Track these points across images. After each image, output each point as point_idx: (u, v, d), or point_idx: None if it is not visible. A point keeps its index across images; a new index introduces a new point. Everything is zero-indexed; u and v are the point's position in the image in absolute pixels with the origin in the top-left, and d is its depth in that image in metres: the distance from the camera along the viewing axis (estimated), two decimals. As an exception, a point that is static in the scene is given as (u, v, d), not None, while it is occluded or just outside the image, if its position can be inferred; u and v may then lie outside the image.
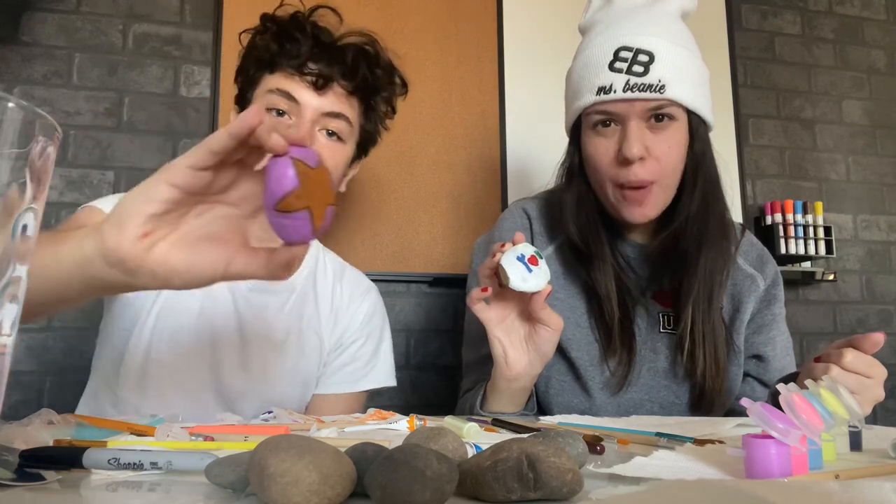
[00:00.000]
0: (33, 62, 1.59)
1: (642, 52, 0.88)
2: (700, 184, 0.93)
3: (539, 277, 0.76)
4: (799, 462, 0.36)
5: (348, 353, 1.03)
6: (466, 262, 1.75)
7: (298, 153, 0.43)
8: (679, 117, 0.90)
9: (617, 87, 0.88)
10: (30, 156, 0.26)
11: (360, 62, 0.93)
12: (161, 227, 0.44)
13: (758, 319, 1.00)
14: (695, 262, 0.92)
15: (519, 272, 0.76)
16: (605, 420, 0.72)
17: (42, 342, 1.53)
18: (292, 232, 0.42)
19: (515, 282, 0.75)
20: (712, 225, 0.93)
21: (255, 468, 0.28)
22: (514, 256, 0.76)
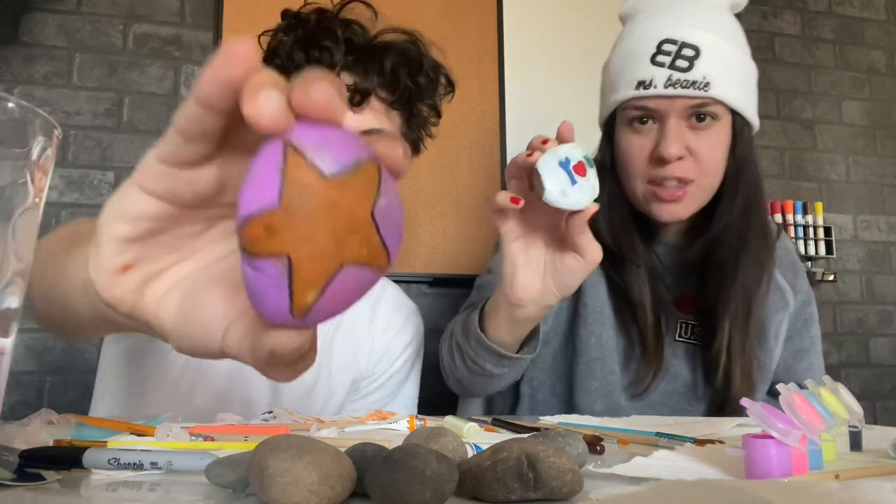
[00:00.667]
0: (33, 62, 1.59)
1: (687, 45, 0.82)
2: (742, 189, 0.86)
3: (584, 192, 0.59)
4: (799, 462, 0.36)
5: (378, 382, 0.94)
6: (466, 262, 1.75)
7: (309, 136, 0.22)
8: (722, 117, 0.84)
9: (658, 83, 0.82)
10: (30, 156, 0.26)
11: (400, 70, 0.82)
12: (151, 255, 0.28)
13: (796, 343, 0.94)
14: (733, 273, 0.86)
15: (559, 182, 0.59)
16: (605, 420, 0.72)
17: (42, 342, 1.53)
18: (258, 293, 0.23)
19: (553, 195, 0.59)
20: (753, 234, 0.87)
21: (255, 468, 0.28)
22: (555, 160, 0.59)
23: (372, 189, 0.23)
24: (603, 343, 0.91)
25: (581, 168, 0.59)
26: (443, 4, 1.82)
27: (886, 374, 2.12)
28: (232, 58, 0.22)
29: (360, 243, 0.23)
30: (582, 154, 0.60)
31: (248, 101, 0.22)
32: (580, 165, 0.59)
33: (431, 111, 0.91)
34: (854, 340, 2.11)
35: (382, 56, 0.82)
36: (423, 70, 0.85)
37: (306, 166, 0.22)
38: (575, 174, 0.58)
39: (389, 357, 0.95)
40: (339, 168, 0.22)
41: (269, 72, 0.23)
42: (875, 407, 2.08)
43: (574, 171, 0.59)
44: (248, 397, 0.84)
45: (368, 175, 0.23)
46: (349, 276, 0.23)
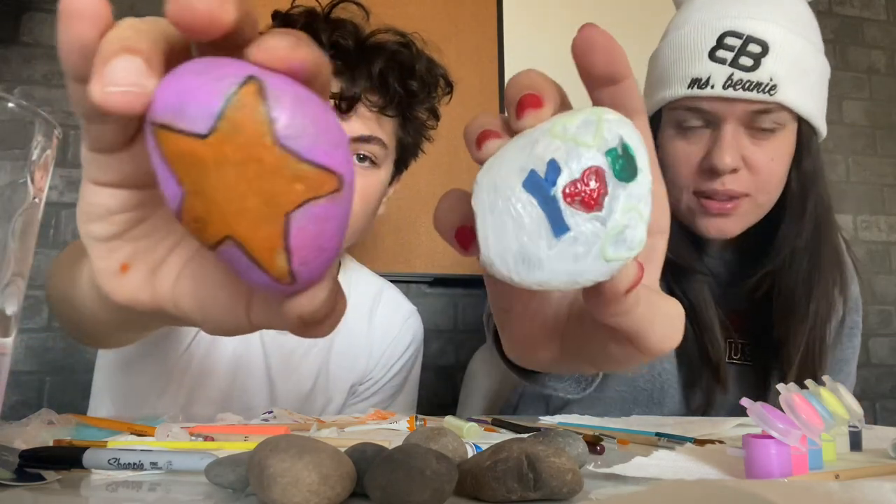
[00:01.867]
0: (33, 62, 1.59)
1: (754, 40, 0.71)
2: (811, 209, 0.76)
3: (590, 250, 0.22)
4: (799, 462, 0.36)
5: (377, 385, 0.93)
6: (466, 262, 1.75)
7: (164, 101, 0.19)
8: (787, 125, 0.75)
9: (716, 82, 0.71)
10: (30, 156, 0.26)
11: (389, 74, 0.79)
12: (144, 247, 0.26)
13: (838, 353, 0.84)
14: (805, 307, 0.75)
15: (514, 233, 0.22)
16: (606, 420, 0.72)
17: (42, 342, 1.53)
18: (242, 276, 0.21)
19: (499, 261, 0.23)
20: (826, 263, 0.76)
21: (255, 468, 0.28)
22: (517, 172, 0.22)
23: (261, 115, 0.19)
24: (656, 374, 0.80)
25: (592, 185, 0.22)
26: (443, 4, 1.82)
27: (886, 374, 2.11)
28: (75, 18, 0.19)
29: (288, 181, 0.19)
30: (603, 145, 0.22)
31: (93, 81, 0.18)
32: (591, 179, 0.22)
33: (429, 115, 0.88)
34: (854, 340, 2.11)
35: (371, 60, 0.78)
36: (415, 74, 0.81)
37: (178, 138, 0.18)
38: (568, 205, 0.22)
39: (388, 361, 0.93)
40: (209, 120, 0.18)
41: (122, 27, 0.19)
42: (875, 407, 2.08)
43: (567, 198, 0.22)
44: (247, 403, 0.83)
45: (248, 103, 0.18)
46: (304, 220, 0.20)
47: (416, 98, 0.83)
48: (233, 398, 0.83)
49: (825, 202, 0.79)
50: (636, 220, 0.22)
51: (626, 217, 0.22)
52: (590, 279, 0.23)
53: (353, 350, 0.89)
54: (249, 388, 0.84)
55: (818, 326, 0.76)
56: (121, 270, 0.26)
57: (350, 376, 0.90)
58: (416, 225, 1.73)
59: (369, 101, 0.78)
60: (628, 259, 0.22)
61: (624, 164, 0.22)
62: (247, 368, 0.83)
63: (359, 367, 0.90)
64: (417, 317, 1.00)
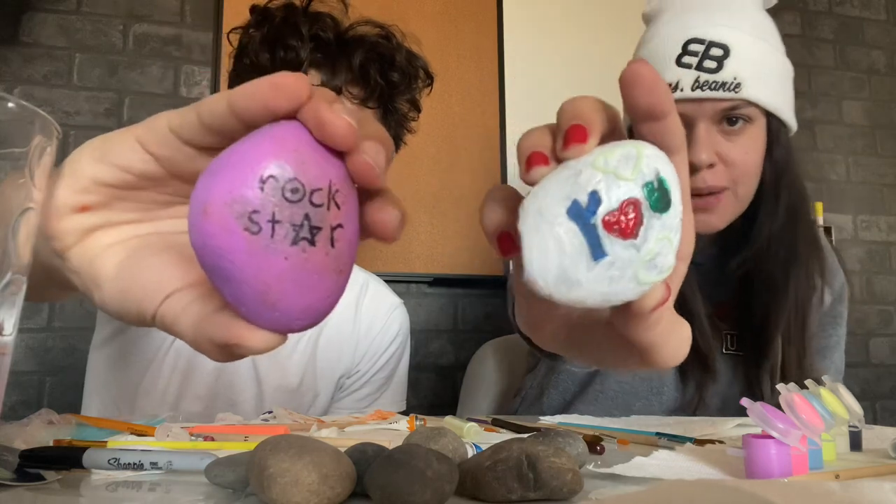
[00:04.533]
0: (33, 62, 1.59)
1: (715, 45, 0.77)
2: (784, 196, 0.81)
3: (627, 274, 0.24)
4: (799, 462, 0.36)
5: (364, 378, 0.94)
6: (466, 262, 1.76)
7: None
8: (756, 120, 0.79)
9: (685, 85, 0.77)
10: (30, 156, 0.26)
11: (370, 67, 0.79)
12: (115, 208, 0.27)
13: (822, 340, 0.89)
14: (784, 287, 0.80)
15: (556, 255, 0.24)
16: (606, 420, 0.72)
17: (42, 342, 1.53)
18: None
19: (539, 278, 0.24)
20: (801, 244, 0.81)
21: (255, 468, 0.28)
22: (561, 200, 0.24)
23: None
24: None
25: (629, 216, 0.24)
26: (443, 4, 1.82)
27: (886, 374, 2.12)
28: (282, 92, 0.23)
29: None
30: (641, 179, 0.24)
31: (329, 110, 0.23)
32: (629, 209, 0.24)
33: (410, 106, 0.88)
34: (854, 340, 2.11)
35: (351, 52, 0.78)
36: (395, 65, 0.82)
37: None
38: (606, 233, 0.24)
39: (374, 353, 0.93)
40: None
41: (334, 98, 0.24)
42: (875, 407, 2.08)
43: (606, 226, 0.24)
44: (233, 399, 0.84)
45: None
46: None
47: (397, 89, 0.83)
48: (220, 395, 0.83)
49: (799, 189, 0.83)
50: (667, 247, 0.25)
51: (658, 245, 0.24)
52: (622, 299, 0.25)
53: (339, 343, 0.90)
54: (236, 385, 0.84)
55: (797, 307, 0.80)
56: (79, 209, 0.27)
57: (337, 370, 0.90)
58: (416, 225, 1.73)
59: (350, 94, 0.79)
60: (658, 282, 0.25)
61: (659, 197, 0.24)
62: (233, 365, 0.83)
63: (345, 361, 0.91)
64: (403, 309, 0.99)
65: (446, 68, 1.77)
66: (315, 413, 0.89)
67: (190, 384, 0.82)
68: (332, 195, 0.23)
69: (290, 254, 0.22)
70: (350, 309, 0.93)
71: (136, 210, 0.28)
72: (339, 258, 0.24)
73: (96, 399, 0.87)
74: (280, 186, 0.22)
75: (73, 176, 0.27)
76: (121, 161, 0.26)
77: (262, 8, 0.81)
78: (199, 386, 0.82)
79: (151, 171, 0.27)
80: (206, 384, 0.82)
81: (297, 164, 0.22)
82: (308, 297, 0.23)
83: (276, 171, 0.22)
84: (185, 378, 0.81)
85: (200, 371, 0.82)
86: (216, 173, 0.22)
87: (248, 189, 0.21)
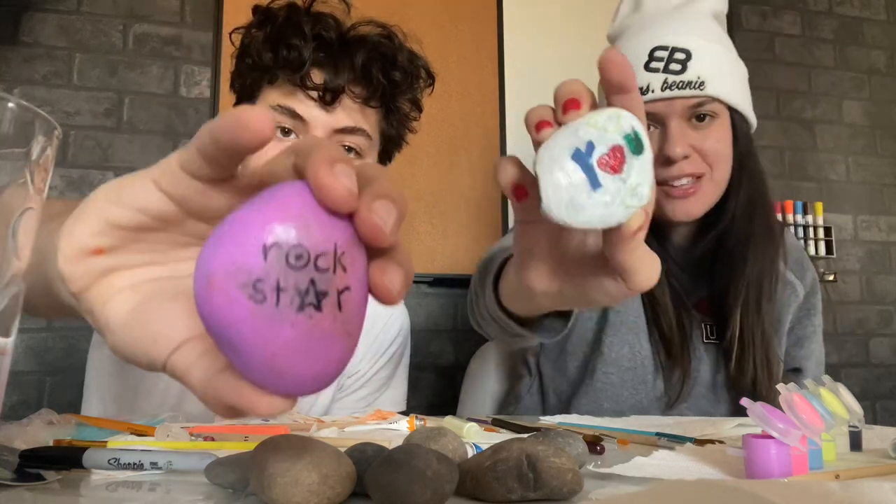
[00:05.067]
0: (33, 62, 1.59)
1: (678, 50, 0.85)
2: (745, 184, 0.89)
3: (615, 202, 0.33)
4: (799, 462, 0.36)
5: (364, 378, 0.94)
6: (466, 262, 1.75)
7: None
8: (721, 115, 0.87)
9: (654, 87, 0.85)
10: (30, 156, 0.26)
11: (372, 66, 0.79)
12: (129, 250, 0.28)
13: (798, 331, 0.97)
14: (741, 264, 0.88)
15: (567, 186, 0.33)
16: (606, 420, 0.72)
17: (42, 342, 1.53)
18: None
19: (554, 207, 0.33)
20: (759, 226, 0.89)
21: (255, 468, 0.28)
22: (565, 150, 0.34)
23: None
24: (636, 353, 0.90)
25: (616, 158, 0.33)
26: (443, 4, 1.82)
27: (886, 374, 2.12)
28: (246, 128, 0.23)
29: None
30: (624, 129, 0.33)
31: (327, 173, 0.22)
32: (615, 154, 0.33)
33: (412, 106, 0.88)
34: (854, 340, 2.11)
35: (353, 52, 0.79)
36: (397, 65, 0.82)
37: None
38: (600, 172, 0.33)
39: (374, 354, 0.94)
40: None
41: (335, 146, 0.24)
42: (875, 407, 2.08)
43: (600, 165, 0.33)
44: None
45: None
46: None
47: (398, 89, 0.83)
48: None
49: (758, 177, 0.91)
50: (644, 180, 0.33)
51: (637, 178, 0.33)
52: (615, 220, 0.33)
53: None
54: None
55: (756, 281, 0.88)
56: (93, 252, 0.27)
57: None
58: (416, 225, 1.73)
59: (353, 93, 0.79)
60: (640, 207, 0.33)
61: (636, 144, 0.33)
62: None
63: None
64: (404, 310, 0.99)
65: (446, 68, 1.77)
66: (316, 413, 0.89)
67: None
68: (337, 258, 0.23)
69: (296, 321, 0.22)
70: None
71: (150, 252, 0.28)
72: (348, 321, 0.23)
73: (96, 398, 0.87)
74: (283, 253, 0.21)
75: (88, 219, 0.27)
76: (137, 202, 0.26)
77: (264, 8, 0.81)
78: None
79: (166, 210, 0.27)
80: None
81: (301, 228, 0.22)
82: (316, 364, 0.23)
83: (279, 238, 0.21)
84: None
85: None
86: (219, 242, 0.22)
87: (251, 257, 0.21)
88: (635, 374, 0.90)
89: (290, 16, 0.79)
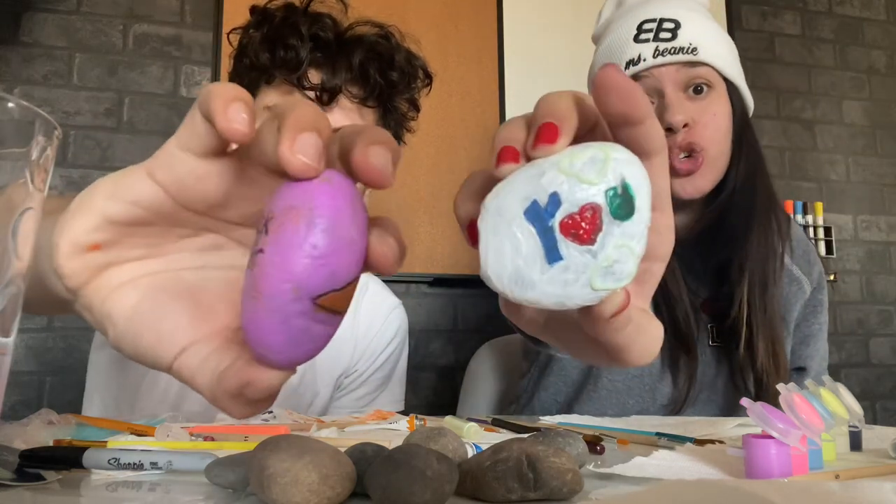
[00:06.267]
0: (33, 62, 1.59)
1: (666, 20, 0.84)
2: (744, 156, 0.87)
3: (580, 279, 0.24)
4: (799, 462, 0.36)
5: (362, 378, 0.94)
6: (466, 262, 1.75)
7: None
8: (717, 85, 0.85)
9: (646, 56, 0.83)
10: (30, 156, 0.26)
11: (369, 66, 0.79)
12: (124, 244, 0.27)
13: (804, 329, 0.93)
14: (743, 239, 0.84)
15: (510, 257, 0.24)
16: (606, 420, 0.72)
17: (42, 342, 1.53)
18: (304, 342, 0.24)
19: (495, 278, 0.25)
20: (760, 199, 0.87)
21: (255, 468, 0.28)
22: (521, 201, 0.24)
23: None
24: None
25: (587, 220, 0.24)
26: (443, 4, 1.82)
27: (886, 374, 2.12)
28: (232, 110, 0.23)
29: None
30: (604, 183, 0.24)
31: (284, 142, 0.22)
32: (586, 214, 0.24)
33: (410, 106, 0.88)
34: (854, 340, 2.11)
35: (351, 52, 0.79)
36: (394, 65, 0.82)
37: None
38: (564, 240, 0.24)
39: (372, 353, 0.94)
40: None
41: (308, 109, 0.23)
42: (875, 407, 2.08)
43: (563, 230, 0.24)
44: None
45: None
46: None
47: (396, 88, 0.84)
48: None
49: (756, 149, 0.89)
50: (627, 255, 0.24)
51: (617, 252, 0.24)
52: (577, 303, 0.25)
53: (338, 343, 0.90)
54: None
55: (762, 256, 0.85)
56: (89, 248, 0.27)
57: (336, 369, 0.91)
58: (415, 225, 1.73)
59: (350, 93, 0.79)
60: (615, 290, 0.24)
61: (621, 203, 0.24)
62: None
63: (344, 360, 0.91)
64: (402, 309, 1.00)
65: (446, 68, 1.77)
66: (314, 412, 0.90)
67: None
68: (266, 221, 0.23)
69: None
70: (350, 309, 0.93)
71: (145, 246, 0.28)
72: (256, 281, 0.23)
73: (97, 399, 0.87)
74: None
75: (84, 215, 0.26)
76: (131, 195, 0.26)
77: (261, 8, 0.82)
78: None
79: (160, 201, 0.26)
80: None
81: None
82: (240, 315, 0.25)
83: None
84: None
85: None
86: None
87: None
88: (642, 382, 0.87)
89: (287, 16, 0.80)
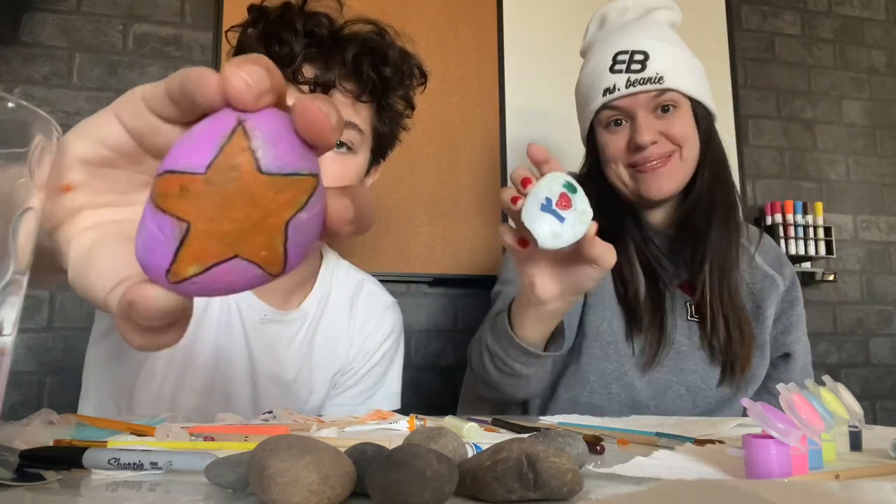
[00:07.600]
0: (33, 62, 1.59)
1: (637, 52, 0.98)
2: (708, 163, 1.00)
3: (575, 224, 0.60)
4: (799, 462, 0.36)
5: (357, 375, 0.95)
6: (466, 262, 1.75)
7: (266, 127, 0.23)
8: (682, 105, 0.98)
9: (620, 86, 0.97)
10: (30, 156, 0.26)
11: (363, 61, 0.81)
12: (94, 188, 0.29)
13: (784, 320, 1.06)
14: (705, 234, 0.99)
15: (546, 226, 0.59)
16: (606, 420, 0.72)
17: (42, 342, 1.53)
18: (147, 244, 0.23)
19: (545, 242, 0.60)
20: (720, 201, 1.00)
21: (255, 468, 0.28)
22: (536, 205, 0.60)
23: (298, 202, 0.23)
24: (613, 326, 1.00)
25: (565, 201, 0.60)
26: (443, 4, 1.82)
27: (886, 374, 2.11)
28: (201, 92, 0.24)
29: (263, 245, 0.23)
30: (561, 183, 0.60)
31: (230, 69, 0.23)
32: (563, 198, 0.60)
33: (405, 104, 0.89)
34: (854, 340, 2.11)
35: (344, 47, 0.80)
36: (388, 61, 0.83)
37: (247, 151, 0.22)
38: (560, 211, 0.59)
39: (368, 350, 0.95)
40: (275, 169, 0.22)
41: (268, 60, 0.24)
42: (875, 407, 2.08)
43: (558, 207, 0.59)
44: (230, 393, 0.84)
45: (301, 187, 0.23)
46: (237, 268, 0.23)
47: (389, 84, 0.84)
48: (216, 388, 0.83)
49: (719, 158, 1.03)
50: (586, 206, 0.61)
51: (582, 206, 0.61)
52: (579, 236, 0.61)
53: (334, 341, 0.92)
54: (232, 378, 0.84)
55: (720, 249, 0.98)
56: (64, 188, 0.28)
57: (332, 366, 0.92)
58: (415, 225, 1.73)
59: (344, 88, 0.81)
60: (586, 224, 0.61)
61: (572, 187, 0.61)
62: (229, 358, 0.84)
63: (340, 358, 0.93)
64: (397, 308, 1.01)
65: (446, 68, 1.77)
66: (311, 410, 0.90)
67: (186, 378, 0.82)
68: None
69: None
70: (345, 308, 0.95)
71: (113, 192, 0.29)
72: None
73: (93, 393, 0.87)
74: None
75: (59, 155, 0.28)
76: (99, 135, 0.28)
77: (259, 6, 0.83)
78: (195, 380, 0.83)
79: (124, 143, 0.28)
80: (202, 378, 0.83)
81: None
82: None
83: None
84: (182, 372, 0.82)
85: (197, 365, 0.83)
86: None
87: None
88: (617, 348, 0.99)
89: (283, 13, 0.81)
